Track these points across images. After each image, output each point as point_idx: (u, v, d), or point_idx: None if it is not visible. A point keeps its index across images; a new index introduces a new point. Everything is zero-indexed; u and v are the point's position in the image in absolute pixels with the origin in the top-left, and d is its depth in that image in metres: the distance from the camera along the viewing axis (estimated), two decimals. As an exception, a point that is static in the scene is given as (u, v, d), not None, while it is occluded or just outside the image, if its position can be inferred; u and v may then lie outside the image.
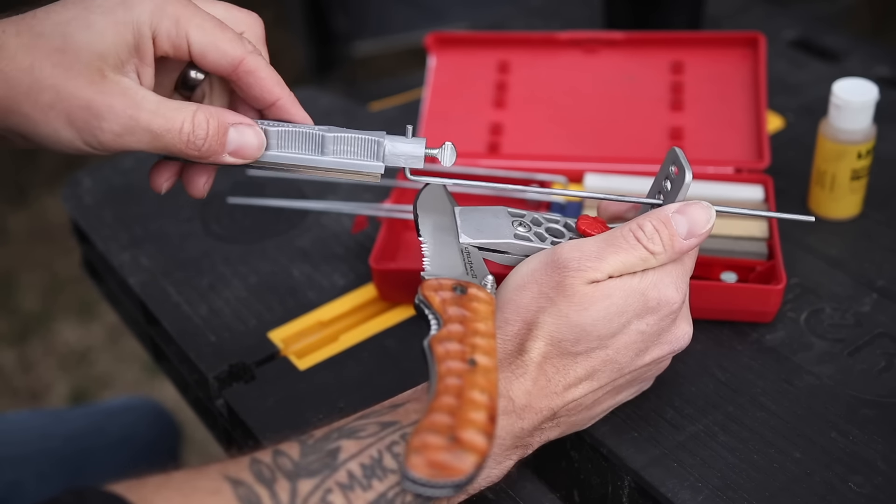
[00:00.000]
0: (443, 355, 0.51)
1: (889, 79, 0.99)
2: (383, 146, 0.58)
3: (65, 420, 1.08)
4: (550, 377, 0.56)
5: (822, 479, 0.60)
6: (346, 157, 0.59)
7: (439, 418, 0.48)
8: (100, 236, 0.88)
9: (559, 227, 0.62)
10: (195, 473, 0.50)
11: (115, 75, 0.54)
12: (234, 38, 0.57)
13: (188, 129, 0.55)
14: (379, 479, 0.51)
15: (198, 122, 0.55)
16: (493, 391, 0.50)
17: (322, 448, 0.52)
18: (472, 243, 0.60)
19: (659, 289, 0.57)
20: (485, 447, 0.48)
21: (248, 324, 0.77)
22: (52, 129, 0.53)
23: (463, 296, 0.55)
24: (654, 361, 0.60)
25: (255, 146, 0.57)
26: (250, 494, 0.49)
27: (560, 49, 0.95)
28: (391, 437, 0.52)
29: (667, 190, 0.60)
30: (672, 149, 0.60)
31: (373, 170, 0.59)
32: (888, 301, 0.74)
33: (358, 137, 0.58)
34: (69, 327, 1.97)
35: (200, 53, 0.56)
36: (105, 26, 0.53)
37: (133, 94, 0.54)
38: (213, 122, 0.56)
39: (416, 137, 0.60)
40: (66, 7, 0.54)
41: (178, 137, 0.55)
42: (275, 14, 2.85)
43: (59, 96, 0.52)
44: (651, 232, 0.57)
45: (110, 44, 0.53)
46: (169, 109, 0.54)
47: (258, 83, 0.58)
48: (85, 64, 0.53)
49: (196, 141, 0.55)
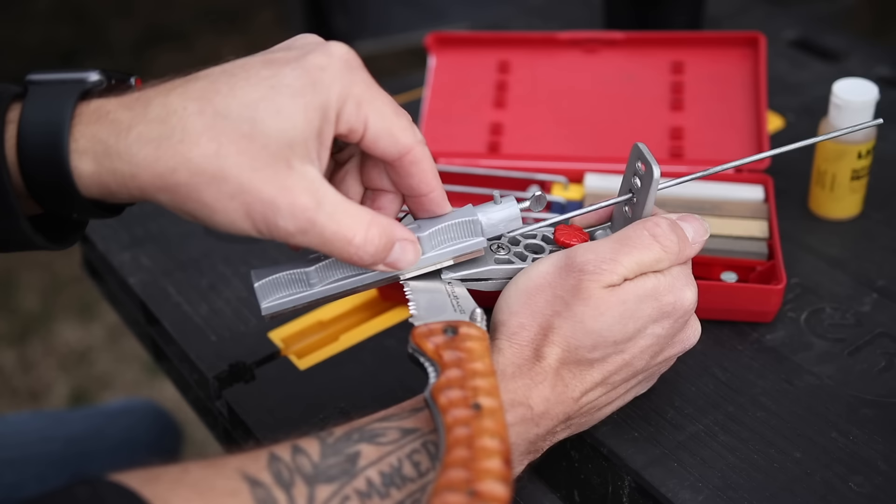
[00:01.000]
0: (446, 405, 0.50)
1: (889, 79, 0.99)
2: (479, 223, 0.58)
3: (65, 422, 1.08)
4: (568, 383, 0.56)
5: (823, 478, 0.60)
6: (447, 245, 0.58)
7: (455, 474, 0.47)
8: (100, 236, 0.88)
9: (537, 241, 0.62)
10: (212, 470, 0.49)
11: (301, 165, 0.50)
12: (407, 125, 0.54)
13: (359, 243, 0.52)
14: (397, 487, 0.51)
15: (370, 238, 0.52)
16: (503, 432, 0.49)
17: (342, 450, 0.51)
18: (455, 277, 0.60)
19: (674, 292, 0.57)
20: (504, 495, 0.47)
21: (249, 324, 0.77)
22: (229, 218, 0.50)
23: (455, 337, 0.54)
24: (666, 360, 0.61)
25: (409, 262, 0.55)
26: (268, 498, 0.48)
27: (560, 49, 0.95)
28: (412, 446, 0.52)
29: (637, 187, 0.60)
30: (635, 144, 0.60)
31: (477, 247, 0.58)
32: (888, 301, 0.74)
33: (453, 224, 0.58)
34: (69, 327, 1.97)
35: (374, 139, 0.53)
36: (295, 112, 0.50)
37: (315, 191, 0.50)
38: (384, 238, 0.53)
39: (505, 199, 0.59)
40: (250, 83, 0.50)
41: (346, 248, 0.52)
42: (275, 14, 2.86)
43: (242, 188, 0.49)
44: (667, 229, 0.57)
45: (300, 131, 0.50)
46: (345, 216, 0.51)
47: (419, 174, 0.56)
48: (273, 154, 0.49)
49: (363, 255, 0.52)
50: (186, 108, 0.49)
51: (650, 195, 0.59)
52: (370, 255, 0.53)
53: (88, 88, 0.51)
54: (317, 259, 0.58)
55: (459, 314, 0.56)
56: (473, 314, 0.56)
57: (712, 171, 0.62)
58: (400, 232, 0.54)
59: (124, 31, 2.88)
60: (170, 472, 0.48)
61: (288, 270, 0.57)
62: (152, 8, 2.98)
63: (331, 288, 0.58)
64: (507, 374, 0.55)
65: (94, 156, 0.49)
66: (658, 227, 0.57)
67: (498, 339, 0.56)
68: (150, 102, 0.50)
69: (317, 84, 0.51)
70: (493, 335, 0.57)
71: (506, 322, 0.57)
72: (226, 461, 0.50)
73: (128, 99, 0.50)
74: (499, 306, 0.58)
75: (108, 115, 0.50)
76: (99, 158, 0.49)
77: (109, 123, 0.49)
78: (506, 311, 0.57)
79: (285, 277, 0.58)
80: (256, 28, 2.84)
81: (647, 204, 0.59)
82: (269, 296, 0.58)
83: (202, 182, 0.49)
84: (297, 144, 0.50)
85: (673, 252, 0.57)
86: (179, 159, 0.49)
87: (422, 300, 0.57)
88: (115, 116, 0.50)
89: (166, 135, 0.49)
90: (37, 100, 0.50)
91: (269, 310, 0.58)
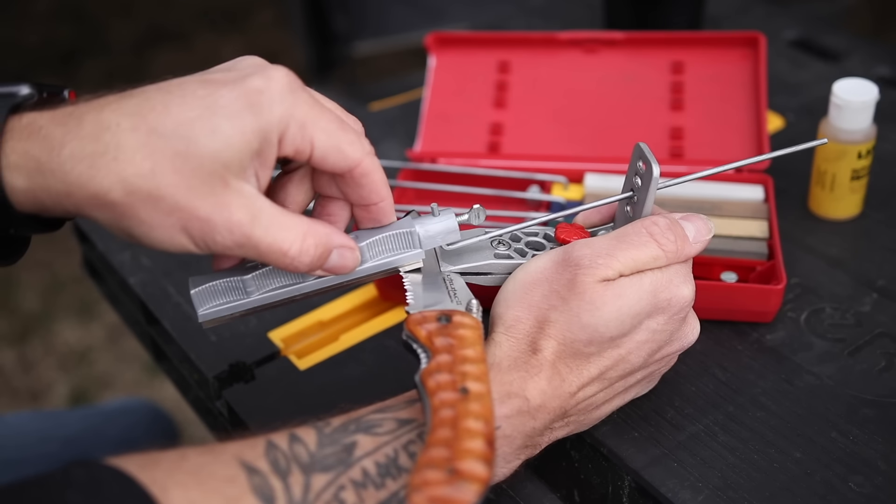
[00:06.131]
0: (434, 388, 0.51)
1: (889, 79, 0.99)
2: (416, 234, 0.58)
3: (63, 423, 1.08)
4: (564, 377, 0.56)
5: (823, 478, 0.60)
6: (385, 256, 0.58)
7: (437, 452, 0.48)
8: (100, 236, 0.88)
9: (539, 239, 0.63)
10: (210, 456, 0.49)
11: (236, 182, 0.51)
12: (354, 139, 0.54)
13: (294, 254, 0.53)
14: (393, 477, 0.51)
15: (305, 249, 0.53)
16: (489, 416, 0.50)
17: (338, 440, 0.51)
18: (453, 270, 0.60)
19: (670, 288, 0.57)
20: (485, 475, 0.47)
21: (249, 324, 0.77)
22: (167, 235, 0.50)
23: (448, 324, 0.55)
24: (664, 358, 0.61)
25: (348, 268, 0.56)
26: (264, 486, 0.49)
27: (560, 49, 0.95)
28: (407, 436, 0.52)
29: (638, 186, 0.60)
30: (637, 144, 0.60)
31: (414, 259, 0.59)
32: (888, 301, 0.74)
33: (390, 235, 0.58)
34: (69, 327, 1.97)
35: (321, 157, 0.53)
36: (231, 133, 0.50)
37: (251, 207, 0.51)
38: (319, 248, 0.54)
39: (443, 211, 0.59)
40: (186, 104, 0.50)
41: (281, 259, 0.53)
42: (275, 14, 2.86)
43: (178, 207, 0.49)
44: (664, 228, 0.57)
45: (235, 151, 0.50)
46: (280, 229, 0.52)
47: (369, 185, 0.56)
48: (208, 173, 0.49)
49: (298, 265, 0.53)
50: (120, 125, 0.49)
51: (650, 194, 0.59)
52: (306, 265, 0.53)
53: (19, 102, 0.51)
54: (254, 267, 0.57)
55: (456, 305, 0.57)
56: (469, 304, 0.57)
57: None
58: (338, 239, 0.55)
59: (124, 31, 2.88)
60: (167, 457, 0.49)
61: (225, 278, 0.57)
62: (152, 8, 2.98)
63: (268, 296, 0.57)
64: (504, 366, 0.55)
65: (26, 172, 0.49)
66: (655, 226, 0.58)
67: (495, 332, 0.57)
68: (82, 118, 0.49)
69: (255, 107, 0.51)
70: (491, 328, 0.58)
71: (503, 315, 0.57)
72: (224, 448, 0.50)
73: (60, 114, 0.50)
74: (497, 300, 0.59)
75: (40, 131, 0.49)
76: (31, 175, 0.49)
77: (42, 139, 0.49)
78: (503, 304, 0.58)
79: (222, 285, 0.57)
80: (256, 28, 2.84)
81: (647, 203, 0.59)
82: (206, 303, 0.57)
83: (137, 201, 0.49)
84: (233, 164, 0.50)
85: (670, 251, 0.57)
86: (114, 178, 0.48)
87: (419, 290, 0.58)
88: (48, 132, 0.49)
89: (100, 152, 0.48)
90: None
91: (206, 317, 0.57)
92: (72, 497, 0.45)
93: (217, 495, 0.48)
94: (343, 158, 0.54)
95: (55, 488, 0.45)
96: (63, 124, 0.49)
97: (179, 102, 0.50)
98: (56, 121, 0.49)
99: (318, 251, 0.54)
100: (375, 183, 0.56)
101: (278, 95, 0.51)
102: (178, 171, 0.49)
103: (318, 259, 0.54)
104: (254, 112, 0.51)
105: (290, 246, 0.52)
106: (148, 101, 0.50)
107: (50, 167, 0.49)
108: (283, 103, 0.51)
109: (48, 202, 0.50)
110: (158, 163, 0.49)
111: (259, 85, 0.51)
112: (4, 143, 0.49)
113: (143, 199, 0.49)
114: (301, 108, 0.52)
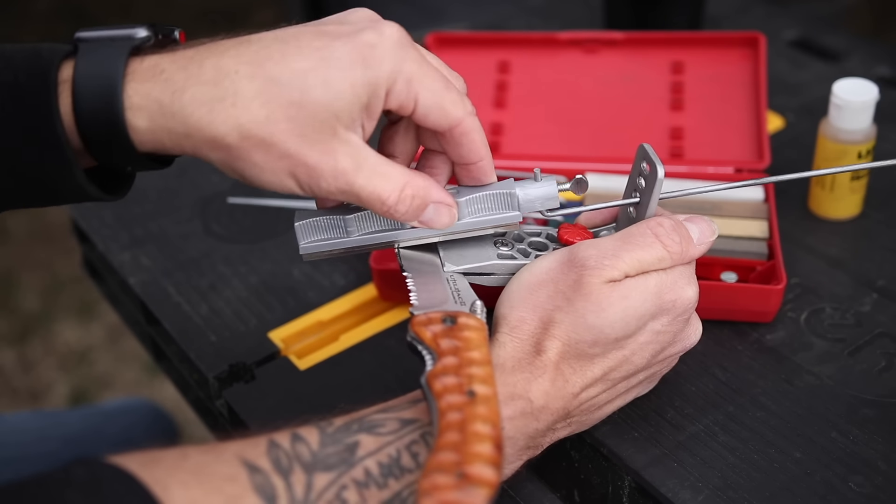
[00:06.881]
0: (441, 391, 0.51)
1: (889, 79, 0.99)
2: (516, 196, 0.59)
3: (63, 422, 1.08)
4: (568, 378, 0.56)
5: (823, 478, 0.60)
6: (483, 214, 0.59)
7: (445, 457, 0.48)
8: (100, 236, 0.88)
9: (542, 239, 0.63)
10: (211, 455, 0.49)
11: (344, 132, 0.53)
12: (457, 98, 0.56)
13: (392, 202, 0.55)
14: (395, 478, 0.51)
15: (402, 198, 0.55)
16: (496, 419, 0.50)
17: (341, 440, 0.51)
18: (456, 270, 0.60)
19: (675, 290, 0.58)
20: (493, 479, 0.47)
21: (249, 324, 0.77)
22: (276, 178, 0.53)
23: (453, 326, 0.54)
24: (667, 359, 0.61)
25: (444, 224, 0.58)
26: (266, 484, 0.49)
27: (560, 49, 0.95)
28: (410, 436, 0.52)
29: (642, 187, 0.60)
30: (641, 145, 0.60)
31: (512, 220, 0.59)
32: (888, 301, 0.74)
33: (490, 195, 0.59)
34: (69, 327, 1.97)
35: (424, 113, 0.55)
36: (343, 85, 0.52)
37: (356, 155, 0.53)
38: (417, 200, 0.56)
39: (545, 177, 0.60)
40: (302, 54, 0.52)
41: (380, 206, 0.55)
42: (275, 14, 2.86)
43: (288, 153, 0.52)
44: (669, 229, 0.58)
45: (346, 103, 0.52)
46: (381, 178, 0.54)
47: (469, 144, 0.57)
48: (319, 122, 0.52)
49: (395, 213, 0.56)
50: (239, 72, 0.51)
51: (654, 195, 0.59)
52: (402, 214, 0.56)
53: (138, 45, 0.53)
54: (357, 209, 0.59)
55: (459, 306, 0.57)
56: (473, 306, 0.57)
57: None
58: (436, 194, 0.57)
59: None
60: (169, 455, 0.49)
61: (328, 215, 0.59)
62: (152, 8, 2.98)
63: (367, 238, 0.59)
64: (507, 367, 0.55)
65: (148, 113, 0.51)
66: (661, 227, 0.58)
67: (499, 332, 0.57)
68: (203, 63, 0.52)
69: (367, 60, 0.52)
70: (495, 329, 0.57)
71: (507, 316, 0.57)
72: (225, 447, 0.50)
73: (181, 58, 0.52)
74: (501, 301, 0.59)
75: (161, 74, 0.51)
76: (153, 116, 0.51)
77: (164, 82, 0.51)
78: (507, 305, 0.58)
79: (325, 222, 0.59)
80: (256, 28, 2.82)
81: (651, 204, 0.59)
82: (308, 237, 0.60)
83: (251, 145, 0.52)
84: (343, 115, 0.52)
85: (675, 252, 0.57)
86: (231, 123, 0.51)
87: (423, 291, 0.58)
88: (169, 76, 0.51)
89: (219, 97, 0.51)
90: (88, 58, 0.52)
91: (307, 250, 0.60)
92: (72, 496, 0.45)
93: (218, 494, 0.48)
94: (444, 116, 0.56)
95: (56, 487, 0.45)
96: (184, 68, 0.51)
97: (295, 53, 0.52)
98: (177, 64, 0.52)
99: (415, 203, 0.56)
100: (475, 143, 0.57)
101: (389, 51, 0.53)
102: (290, 120, 0.51)
103: (414, 210, 0.56)
104: (365, 66, 0.52)
105: (388, 195, 0.55)
106: (266, 48, 0.53)
107: (171, 110, 0.51)
108: (394, 59, 0.53)
109: (168, 143, 0.52)
110: (273, 111, 0.51)
111: (372, 39, 0.53)
112: (127, 84, 0.51)
113: (257, 144, 0.52)
114: (409, 65, 0.54)
